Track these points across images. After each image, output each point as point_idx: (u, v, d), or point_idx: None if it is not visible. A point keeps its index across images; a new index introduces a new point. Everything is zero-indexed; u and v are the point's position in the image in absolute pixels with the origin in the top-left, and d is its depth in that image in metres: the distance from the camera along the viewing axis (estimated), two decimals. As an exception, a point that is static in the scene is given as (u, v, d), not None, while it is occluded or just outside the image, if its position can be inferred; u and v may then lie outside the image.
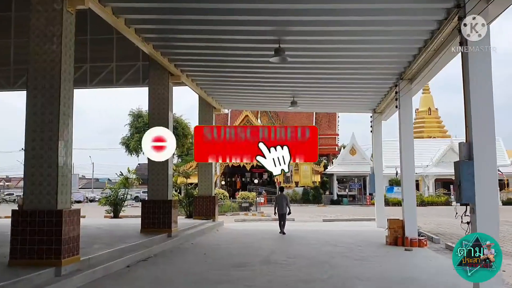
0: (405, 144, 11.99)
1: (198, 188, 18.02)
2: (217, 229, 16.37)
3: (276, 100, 16.65)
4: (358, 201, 44.31)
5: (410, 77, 11.90)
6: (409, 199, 11.83)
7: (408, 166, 11.96)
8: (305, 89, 14.75)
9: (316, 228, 16.74)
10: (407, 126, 12.01)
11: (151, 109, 13.14)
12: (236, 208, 27.45)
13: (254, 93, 15.85)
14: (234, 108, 19.26)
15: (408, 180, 11.94)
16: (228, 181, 50.46)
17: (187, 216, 18.79)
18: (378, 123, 17.19)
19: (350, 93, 15.10)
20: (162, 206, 12.52)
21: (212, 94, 16.67)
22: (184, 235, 13.25)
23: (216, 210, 17.89)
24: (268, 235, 14.38)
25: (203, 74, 13.98)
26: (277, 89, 14.89)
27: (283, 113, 54.85)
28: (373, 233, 14.93)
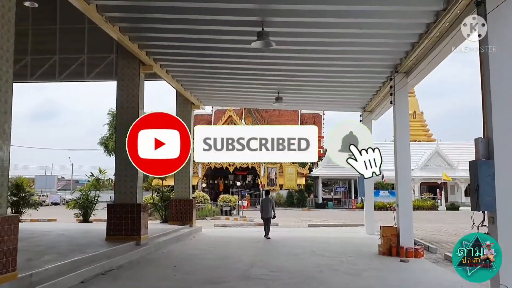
0: (401, 144, 10.89)
1: (175, 191, 16.67)
2: (193, 235, 15.04)
3: (260, 96, 15.41)
4: (344, 204, 43.42)
5: (406, 70, 10.81)
6: (405, 204, 10.72)
7: (404, 168, 10.87)
8: (290, 84, 13.55)
9: (302, 235, 15.54)
10: (402, 124, 10.90)
11: (119, 103, 11.75)
12: (217, 212, 26.12)
13: (236, 87, 14.59)
14: (215, 104, 18.00)
15: (404, 183, 10.83)
16: (211, 183, 49.04)
17: (163, 221, 17.41)
18: (368, 122, 16.08)
19: (339, 89, 13.94)
20: (130, 210, 11.15)
21: (191, 88, 15.35)
22: (155, 243, 11.89)
23: (193, 214, 16.56)
24: (249, 243, 13.12)
25: (179, 64, 12.66)
26: (261, 83, 13.66)
27: (268, 114, 53.82)
28: (362, 240, 13.80)
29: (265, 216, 14.26)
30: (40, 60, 15.47)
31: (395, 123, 10.92)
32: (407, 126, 10.93)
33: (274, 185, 41.78)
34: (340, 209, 40.43)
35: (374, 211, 31.25)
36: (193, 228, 16.01)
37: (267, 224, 14.25)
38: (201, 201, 26.73)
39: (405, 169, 10.87)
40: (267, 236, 14.02)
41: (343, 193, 46.82)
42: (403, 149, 10.86)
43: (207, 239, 14.14)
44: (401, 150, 10.84)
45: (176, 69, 13.18)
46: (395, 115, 10.93)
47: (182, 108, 16.73)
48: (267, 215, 14.21)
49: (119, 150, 11.45)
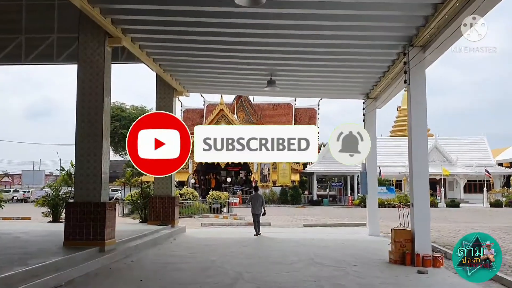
0: (417, 132, 9.16)
1: (154, 187, 14.85)
2: (174, 237, 13.24)
3: (251, 80, 13.58)
4: (339, 201, 41.83)
5: (424, 43, 9.05)
6: (421, 203, 8.99)
7: (420, 160, 9.13)
8: (284, 65, 11.79)
9: (297, 237, 13.79)
10: (419, 108, 9.14)
11: (79, 88, 9.80)
12: (206, 209, 24.33)
13: (224, 70, 12.77)
14: (201, 91, 16.28)
15: (420, 178, 9.07)
16: (202, 179, 47.19)
17: (142, 221, 15.59)
18: (372, 111, 14.36)
19: (340, 70, 12.16)
20: (93, 210, 9.32)
21: (172, 71, 13.49)
22: (124, 248, 10.08)
23: (175, 213, 14.75)
24: (237, 247, 11.36)
25: (156, 39, 10.83)
26: (252, 64, 11.87)
27: (261, 109, 52.07)
28: (367, 243, 12.08)
29: (256, 212, 14.01)
30: (4, 40, 13.67)
31: (410, 107, 9.16)
32: (424, 110, 9.16)
33: (267, 181, 40.07)
34: (336, 206, 38.78)
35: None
36: (175, 229, 14.22)
37: (257, 220, 14.01)
38: (189, 198, 24.95)
39: (421, 162, 9.14)
40: (257, 233, 13.70)
41: (338, 189, 45.26)
42: (419, 139, 9.15)
43: (189, 242, 12.35)
44: (417, 140, 9.12)
45: (152, 46, 11.34)
46: (410, 98, 9.17)
47: (163, 95, 14.87)
48: (258, 211, 14.00)
49: (80, 140, 9.60)
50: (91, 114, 9.62)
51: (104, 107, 9.74)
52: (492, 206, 36.21)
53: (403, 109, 60.83)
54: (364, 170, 14.18)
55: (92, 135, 9.54)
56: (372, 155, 14.29)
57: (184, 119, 56.59)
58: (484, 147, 47.72)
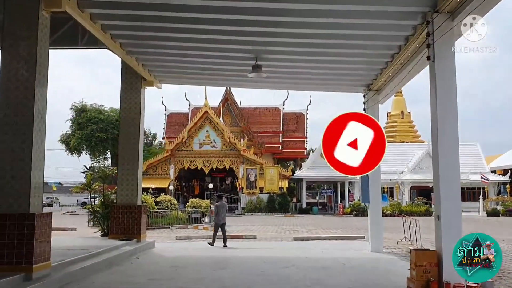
0: (445, 127, 7.00)
1: (117, 194, 12.50)
2: (138, 255, 10.90)
3: (233, 66, 11.36)
4: (329, 209, 39.71)
5: (452, 8, 6.97)
6: (451, 216, 6.83)
7: (449, 164, 6.94)
8: (272, 46, 9.63)
9: (287, 254, 11.57)
10: (447, 94, 7.02)
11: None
12: (184, 219, 21.97)
13: (201, 52, 10.52)
14: (176, 82, 13.94)
15: (450, 184, 6.89)
16: (185, 185, 44.71)
17: (104, 234, 13.21)
18: (374, 105, 12.28)
19: (339, 53, 10.02)
20: (18, 224, 6.98)
21: (138, 54, 11.23)
22: (62, 274, 7.72)
23: (142, 225, 12.40)
24: (213, 269, 9.09)
25: (119, 15, 8.64)
26: (235, 42, 9.65)
27: (248, 113, 50.01)
28: (373, 263, 9.91)
29: (222, 221, 13.39)
30: None
31: (436, 91, 7.03)
32: (453, 96, 7.00)
33: (254, 188, 37.83)
34: (326, 214, 36.69)
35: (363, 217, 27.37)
36: (140, 244, 11.89)
37: (223, 230, 13.37)
38: (166, 206, 22.57)
39: (451, 167, 6.93)
40: (224, 245, 12.92)
41: (327, 197, 43.25)
42: (448, 135, 6.98)
43: (154, 263, 10.04)
44: (445, 136, 6.95)
45: (114, 23, 9.11)
46: (435, 80, 7.04)
47: (129, 85, 12.60)
48: (223, 221, 13.41)
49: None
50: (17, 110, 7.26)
51: (36, 95, 7.26)
52: (488, 215, 34.50)
53: (393, 115, 59.49)
54: (365, 175, 12.04)
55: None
56: (375, 157, 12.19)
57: (168, 123, 54.28)
58: (477, 153, 46.28)
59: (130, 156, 12.39)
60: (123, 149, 12.51)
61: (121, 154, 12.53)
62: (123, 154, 12.47)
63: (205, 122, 40.40)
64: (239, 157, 39.47)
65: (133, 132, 12.50)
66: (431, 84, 7.24)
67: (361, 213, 34.35)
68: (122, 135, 12.64)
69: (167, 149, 39.76)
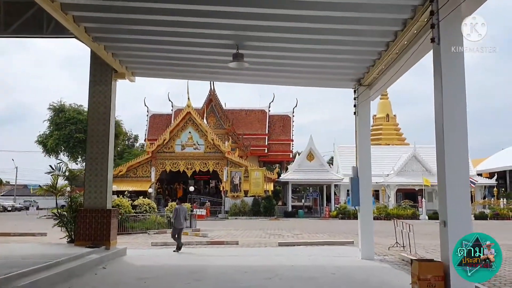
0: (453, 121, 6.12)
1: (84, 197, 11.34)
2: (105, 265, 9.77)
3: (212, 56, 10.33)
4: (315, 213, 38.96)
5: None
6: (460, 222, 5.93)
7: (457, 161, 6.06)
8: (256, 28, 8.64)
9: (271, 262, 10.57)
10: (454, 81, 6.13)
11: None
12: (163, 224, 20.80)
13: (177, 42, 9.53)
14: (152, 75, 12.81)
15: (457, 185, 5.99)
16: (167, 188, 43.40)
17: (71, 241, 12.02)
18: (365, 102, 11.42)
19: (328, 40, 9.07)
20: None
21: (108, 42, 10.13)
22: (8, 290, 6.60)
23: (112, 231, 11.27)
24: (187, 281, 8.04)
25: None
26: (214, 26, 8.64)
27: (233, 115, 49.08)
28: (366, 273, 8.96)
29: (181, 226, 13.09)
30: None
31: (442, 80, 6.13)
32: (461, 87, 6.11)
33: (239, 191, 36.79)
34: (312, 218, 35.85)
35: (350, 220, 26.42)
36: (109, 252, 10.77)
37: (180, 235, 12.98)
38: (145, 210, 21.40)
39: (459, 165, 6.05)
40: (178, 250, 12.49)
41: (313, 200, 42.41)
42: (456, 130, 6.11)
43: (122, 273, 8.93)
44: (452, 132, 6.08)
45: (75, 2, 8.02)
46: (440, 67, 6.15)
47: (99, 77, 11.51)
48: (183, 225, 13.23)
49: None
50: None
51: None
52: (476, 218, 33.98)
53: (378, 118, 59.16)
54: (356, 176, 11.15)
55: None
56: (366, 157, 11.34)
57: (150, 124, 52.95)
58: (463, 156, 46.09)
59: (99, 155, 11.27)
60: (92, 147, 11.38)
61: (89, 153, 11.39)
62: (91, 154, 11.33)
63: (188, 123, 39.26)
64: (223, 159, 38.40)
65: (103, 129, 11.39)
66: (435, 72, 6.36)
67: (347, 216, 33.60)
68: (91, 133, 11.51)
69: (148, 150, 38.48)
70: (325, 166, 39.75)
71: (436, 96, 6.34)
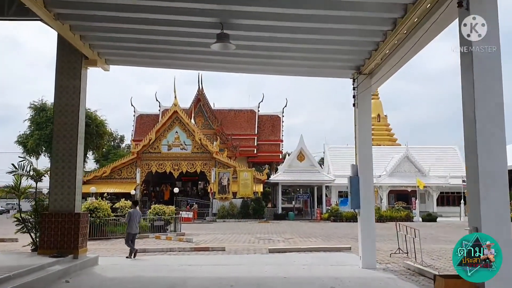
0: (487, 109, 4.99)
1: (49, 199, 9.99)
2: (69, 278, 8.44)
3: (195, 40, 9.08)
4: (306, 215, 37.80)
5: None
6: (496, 230, 4.77)
7: (494, 153, 4.90)
8: (242, 3, 7.42)
9: (260, 273, 9.34)
10: (489, 60, 5.00)
11: None
12: (146, 228, 19.42)
13: (153, 19, 8.27)
14: (127, 63, 11.50)
15: (494, 185, 4.83)
16: (153, 190, 41.90)
17: (35, 248, 10.66)
18: (365, 92, 10.28)
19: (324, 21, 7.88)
20: None
21: (73, 20, 8.80)
22: None
23: (81, 238, 9.93)
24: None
25: None
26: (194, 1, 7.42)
27: (222, 115, 47.74)
28: (368, 284, 7.79)
29: (135, 231, 12.20)
30: None
31: (473, 55, 4.98)
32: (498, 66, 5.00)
33: (227, 192, 35.52)
34: (303, 220, 34.72)
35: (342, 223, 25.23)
36: (77, 262, 9.44)
37: (134, 241, 12.07)
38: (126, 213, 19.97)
39: (496, 158, 4.89)
40: (130, 256, 11.61)
41: (304, 201, 41.29)
42: (492, 119, 4.96)
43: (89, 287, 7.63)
44: (486, 119, 4.94)
45: None
46: (469, 39, 5.00)
47: (66, 63, 10.18)
48: (135, 231, 12.26)
49: None
50: None
51: None
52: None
53: (372, 117, 58.38)
54: (356, 175, 9.99)
55: None
56: (367, 154, 10.19)
57: (137, 125, 51.37)
58: (456, 157, 45.48)
59: (66, 152, 9.94)
60: (58, 143, 10.04)
61: (54, 150, 10.05)
62: (57, 150, 9.99)
63: (175, 122, 37.87)
64: (211, 160, 37.09)
65: (70, 122, 10.06)
66: (462, 48, 5.18)
67: (340, 218, 32.54)
68: (57, 127, 10.17)
69: (133, 151, 37.01)
70: (316, 167, 38.70)
71: (463, 83, 5.17)
